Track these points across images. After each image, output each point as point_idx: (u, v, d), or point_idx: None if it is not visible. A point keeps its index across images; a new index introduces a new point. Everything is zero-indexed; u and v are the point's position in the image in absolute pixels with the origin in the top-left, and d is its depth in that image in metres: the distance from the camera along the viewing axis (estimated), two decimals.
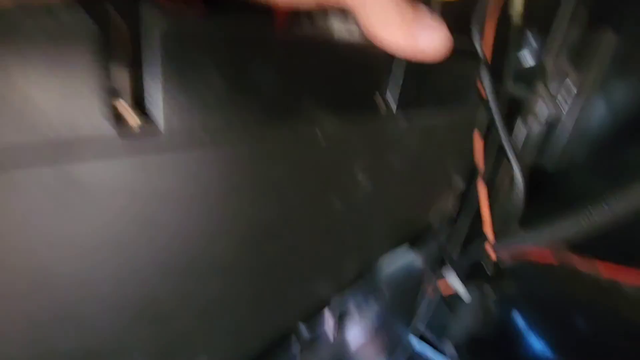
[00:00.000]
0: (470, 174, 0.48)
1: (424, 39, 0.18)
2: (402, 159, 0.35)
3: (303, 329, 0.32)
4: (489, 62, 0.40)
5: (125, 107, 0.16)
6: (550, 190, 0.59)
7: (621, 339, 0.54)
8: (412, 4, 0.18)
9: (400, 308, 0.47)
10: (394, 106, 0.30)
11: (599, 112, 0.56)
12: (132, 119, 0.16)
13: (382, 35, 0.18)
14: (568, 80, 0.54)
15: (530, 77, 0.51)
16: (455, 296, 0.64)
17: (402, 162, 0.36)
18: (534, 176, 0.58)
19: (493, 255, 0.49)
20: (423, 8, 0.18)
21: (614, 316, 0.53)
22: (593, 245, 0.46)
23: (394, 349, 0.54)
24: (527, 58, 0.53)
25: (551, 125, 0.55)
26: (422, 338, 0.69)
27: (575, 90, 0.53)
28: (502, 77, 0.47)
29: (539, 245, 0.49)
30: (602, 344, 0.56)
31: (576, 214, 0.47)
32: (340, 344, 0.33)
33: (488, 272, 0.51)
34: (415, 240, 0.44)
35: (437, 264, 0.50)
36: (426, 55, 0.19)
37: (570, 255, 0.49)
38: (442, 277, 0.49)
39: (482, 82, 0.40)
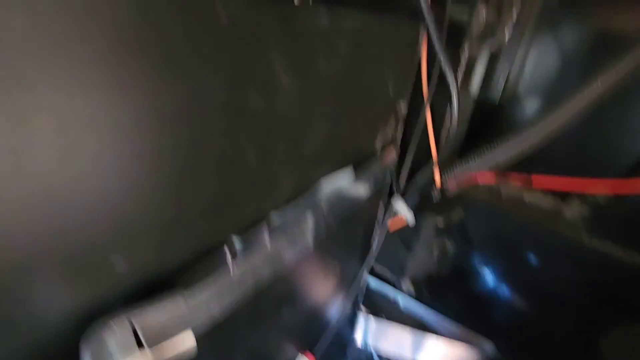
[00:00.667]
0: (414, 101, 0.48)
1: None
2: (332, 66, 0.34)
3: (235, 239, 0.32)
4: None
5: None
6: (497, 122, 0.60)
7: (564, 261, 0.57)
8: None
9: (345, 233, 0.48)
10: None
11: (542, 44, 0.57)
12: None
13: None
14: (513, 10, 0.55)
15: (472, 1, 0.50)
16: (410, 233, 0.66)
17: (333, 70, 0.35)
18: (482, 109, 0.59)
19: (439, 182, 0.50)
20: None
21: (556, 238, 0.56)
22: (527, 163, 0.47)
23: (345, 282, 0.55)
24: None
25: (495, 55, 0.56)
26: (377, 275, 0.70)
27: (515, 19, 0.54)
28: None
29: (482, 169, 0.50)
30: (548, 271, 0.59)
31: (513, 137, 0.48)
32: (276, 254, 0.33)
33: (434, 200, 0.52)
34: (358, 164, 0.44)
35: (384, 192, 0.50)
36: None
37: (508, 173, 0.51)
38: (389, 206, 0.49)
39: None
